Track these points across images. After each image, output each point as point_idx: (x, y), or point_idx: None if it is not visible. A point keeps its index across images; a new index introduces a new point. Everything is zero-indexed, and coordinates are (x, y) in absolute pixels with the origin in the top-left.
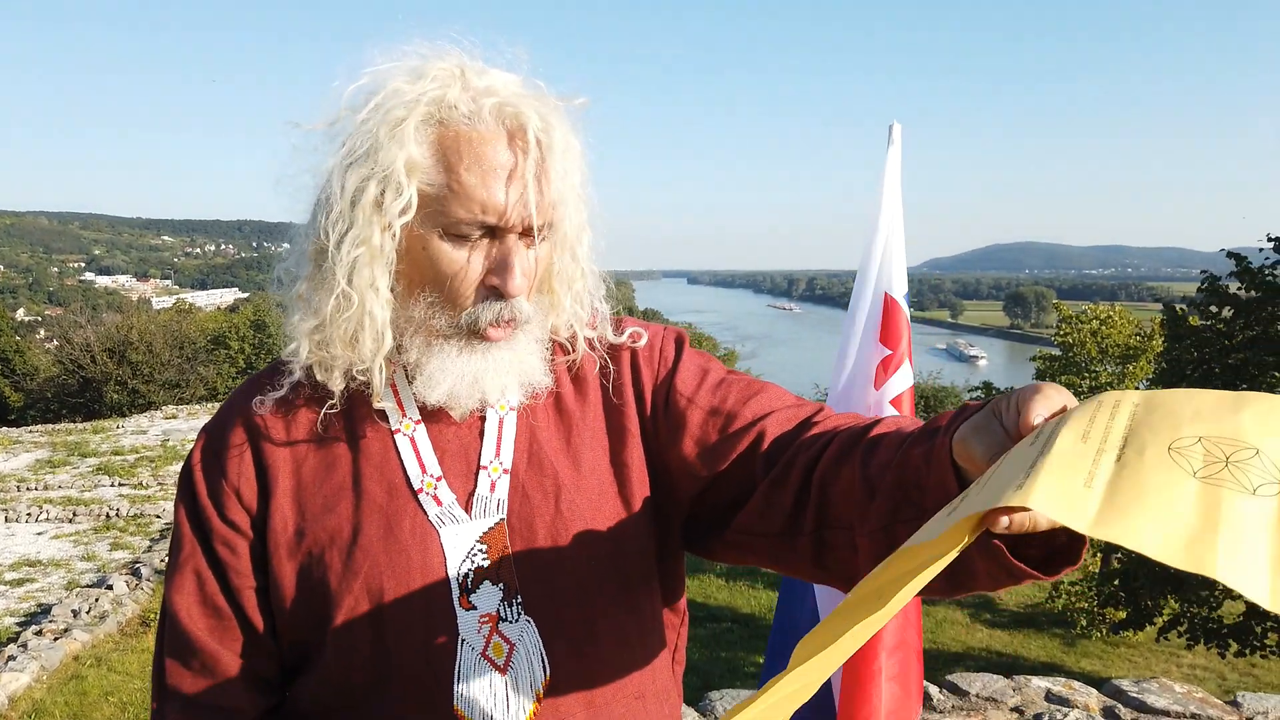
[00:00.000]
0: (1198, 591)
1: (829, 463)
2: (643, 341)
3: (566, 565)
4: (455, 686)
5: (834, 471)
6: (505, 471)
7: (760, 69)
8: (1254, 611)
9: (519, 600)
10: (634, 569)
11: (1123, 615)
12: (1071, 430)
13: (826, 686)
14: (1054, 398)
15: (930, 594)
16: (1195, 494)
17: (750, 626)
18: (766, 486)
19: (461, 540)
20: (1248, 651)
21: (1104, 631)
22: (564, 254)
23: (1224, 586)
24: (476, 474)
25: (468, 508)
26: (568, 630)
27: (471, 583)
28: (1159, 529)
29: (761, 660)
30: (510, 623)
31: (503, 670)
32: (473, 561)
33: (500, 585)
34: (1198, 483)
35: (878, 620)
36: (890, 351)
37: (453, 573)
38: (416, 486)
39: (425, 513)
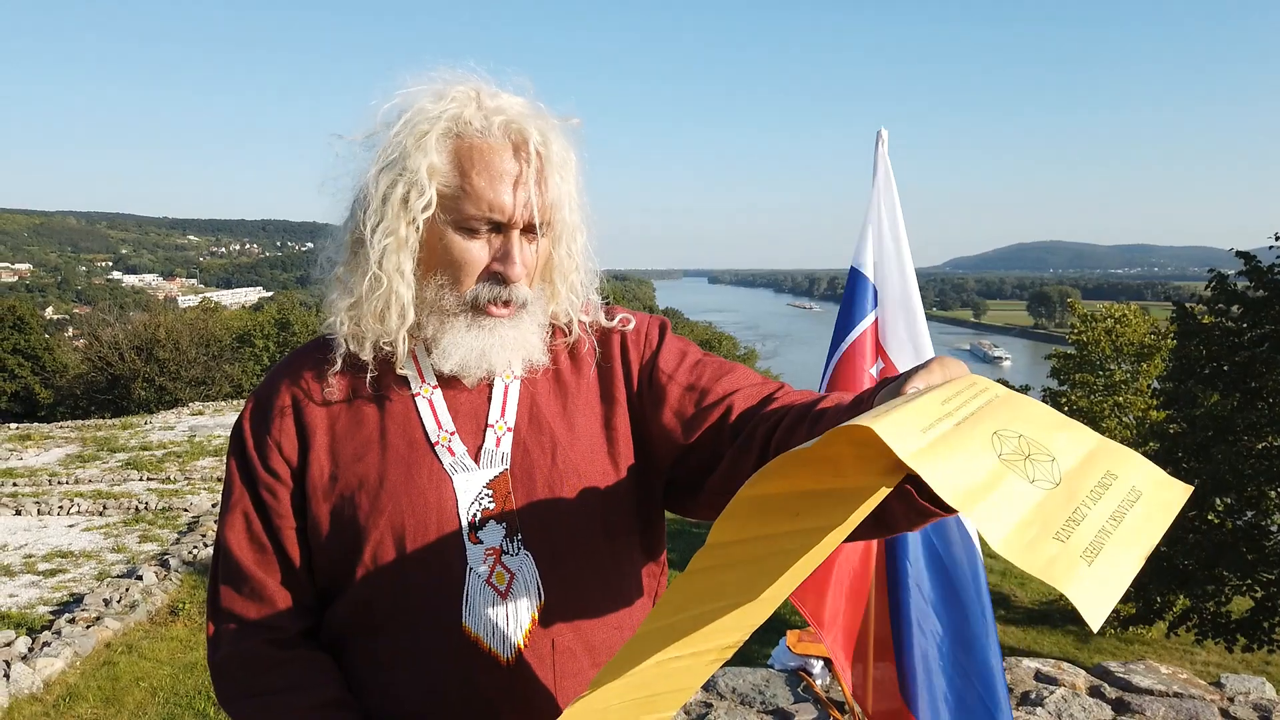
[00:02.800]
0: (1204, 587)
1: (784, 431)
2: (631, 326)
3: (560, 510)
4: (463, 607)
5: (786, 439)
6: (509, 429)
7: (781, 65)
8: (1262, 607)
9: (519, 537)
10: (618, 519)
11: (1133, 610)
12: (939, 394)
13: None
14: (937, 372)
15: (859, 537)
16: (991, 467)
17: None
18: (733, 452)
19: (471, 486)
20: (1255, 646)
21: (1116, 628)
22: (561, 249)
23: (1232, 584)
24: (484, 431)
25: (477, 459)
26: (560, 564)
27: (479, 521)
28: (952, 477)
29: (769, 650)
30: (511, 555)
31: (504, 595)
32: (480, 504)
33: (503, 525)
34: (998, 461)
35: (816, 553)
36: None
37: (463, 513)
38: (433, 440)
39: (440, 462)
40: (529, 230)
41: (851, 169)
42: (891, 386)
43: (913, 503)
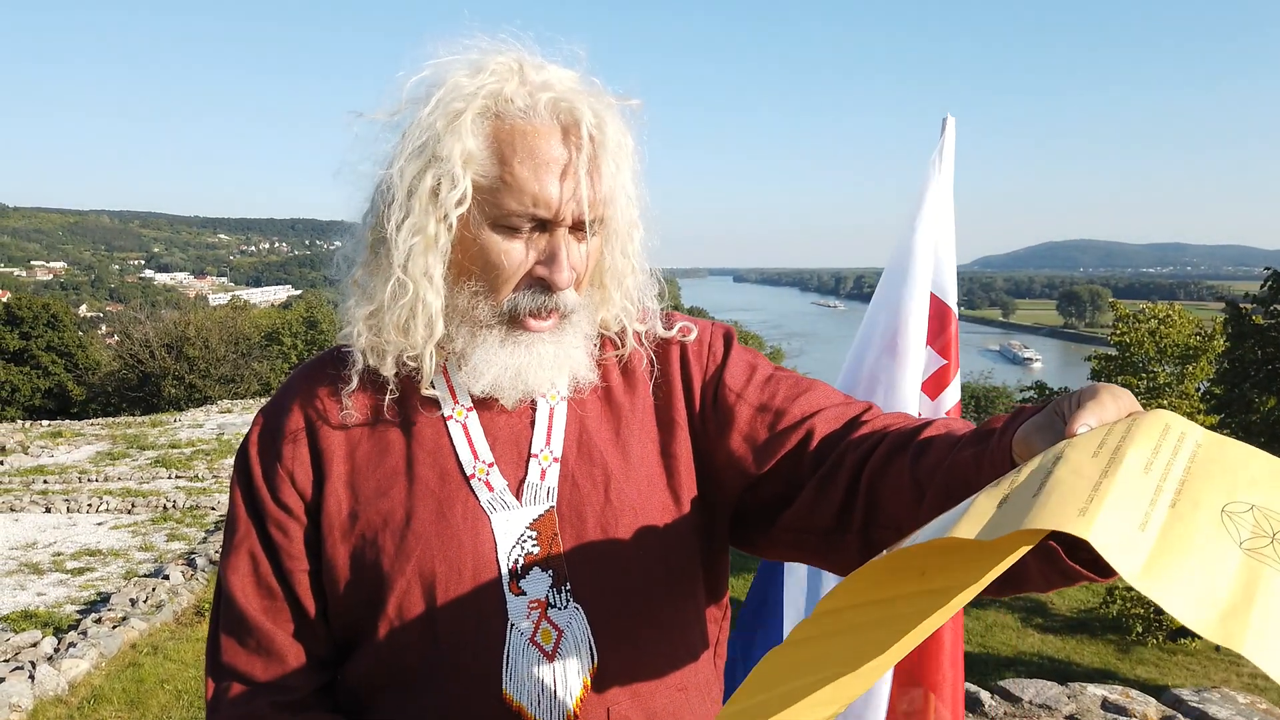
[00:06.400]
0: None
1: (878, 462)
2: (692, 336)
3: (615, 554)
4: (504, 670)
5: (883, 471)
6: (555, 460)
7: (809, 64)
8: None
9: (568, 587)
10: (681, 561)
11: (1179, 623)
12: (1137, 455)
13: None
14: (1109, 405)
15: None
16: (1238, 565)
17: None
18: (815, 484)
19: (512, 526)
20: None
21: (1160, 639)
22: (614, 249)
23: None
24: (527, 462)
25: (518, 495)
26: (615, 619)
27: (521, 568)
28: (1197, 597)
29: None
30: (559, 609)
31: (550, 656)
32: (523, 548)
33: (550, 572)
34: (1241, 553)
35: (937, 617)
36: (945, 361)
37: (503, 558)
38: (469, 472)
39: (477, 498)
40: (578, 228)
41: (879, 169)
42: (1039, 421)
43: (1057, 563)
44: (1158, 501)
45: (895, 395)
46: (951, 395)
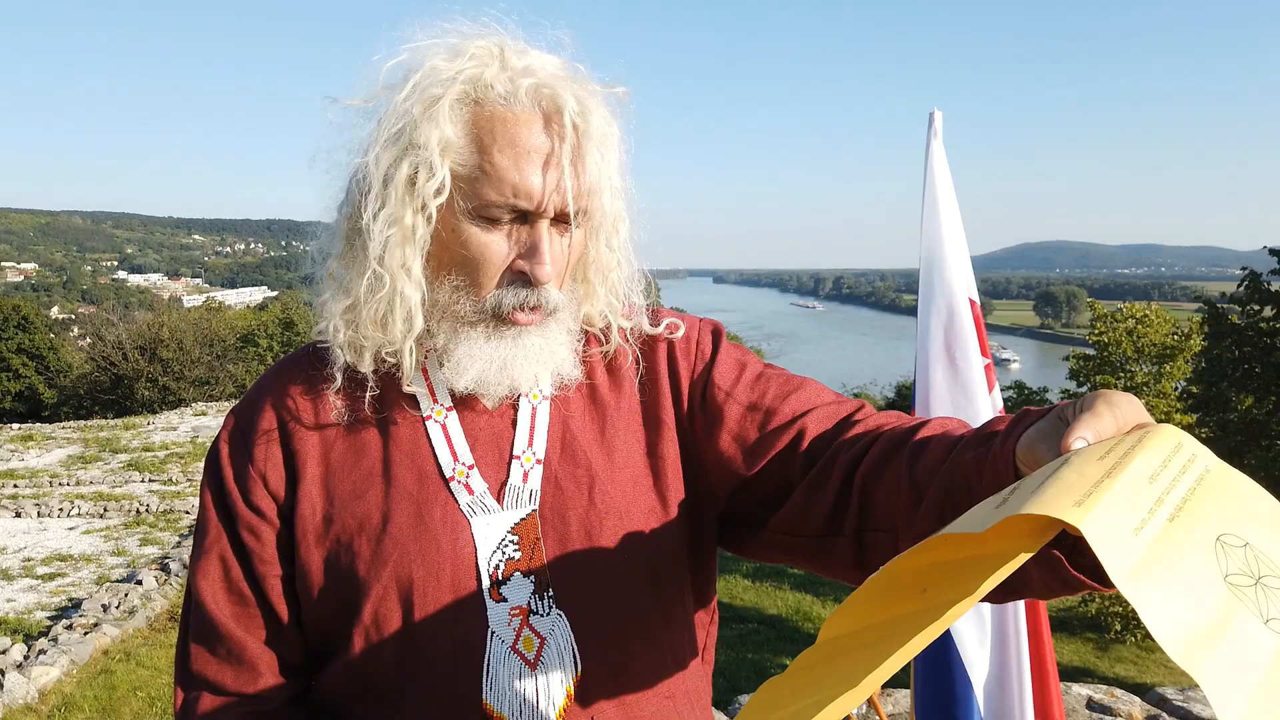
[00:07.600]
0: None
1: (872, 463)
2: (679, 333)
3: (599, 559)
4: (484, 679)
5: (877, 472)
6: (538, 461)
7: (789, 65)
8: None
9: (550, 594)
10: (667, 565)
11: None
12: (1144, 464)
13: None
14: (1106, 418)
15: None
16: (1219, 596)
17: (777, 628)
18: (806, 486)
19: (493, 530)
20: None
21: (1138, 636)
22: (599, 242)
23: None
24: (509, 463)
25: (499, 498)
26: (600, 626)
27: (502, 574)
28: (1173, 615)
29: (788, 662)
30: (541, 616)
31: (533, 665)
32: (504, 553)
33: (531, 578)
34: (1224, 586)
35: (933, 629)
36: (987, 359)
37: (483, 563)
38: (448, 474)
39: (456, 501)
40: (561, 220)
41: (858, 170)
42: (1044, 429)
43: (1059, 571)
44: (1157, 512)
45: (971, 404)
46: (998, 395)
